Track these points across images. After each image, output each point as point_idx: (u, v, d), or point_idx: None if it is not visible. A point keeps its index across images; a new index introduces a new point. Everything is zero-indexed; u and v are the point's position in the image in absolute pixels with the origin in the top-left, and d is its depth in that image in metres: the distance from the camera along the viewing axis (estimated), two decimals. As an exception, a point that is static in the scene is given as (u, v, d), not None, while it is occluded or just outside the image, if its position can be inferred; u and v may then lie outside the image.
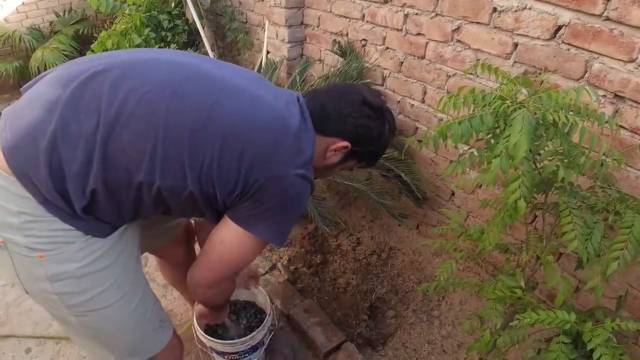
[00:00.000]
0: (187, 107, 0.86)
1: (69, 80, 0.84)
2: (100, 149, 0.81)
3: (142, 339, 1.08)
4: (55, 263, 0.86)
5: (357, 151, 1.06)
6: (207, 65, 0.95)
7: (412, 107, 2.01)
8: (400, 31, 1.92)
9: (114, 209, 0.87)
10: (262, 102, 0.93)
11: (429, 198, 2.04)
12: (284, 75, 2.64)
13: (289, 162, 0.91)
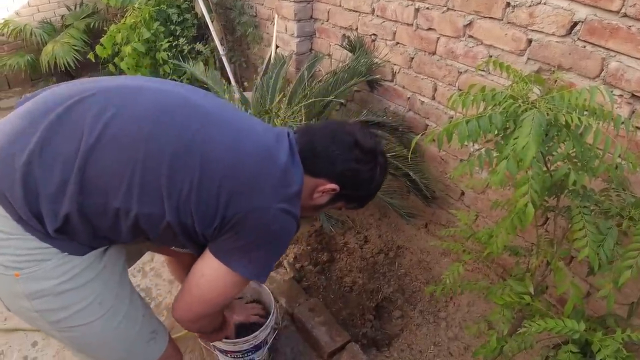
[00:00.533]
0: (169, 134, 0.84)
1: (56, 104, 0.83)
2: (78, 173, 0.79)
3: (132, 353, 1.04)
4: (32, 281, 0.84)
5: (347, 194, 1.04)
6: (196, 96, 0.94)
7: (422, 104, 1.97)
8: (410, 26, 1.88)
9: (89, 233, 0.85)
10: (250, 134, 0.91)
11: (438, 197, 2.00)
12: (293, 70, 2.61)
13: (272, 195, 0.88)
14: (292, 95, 2.15)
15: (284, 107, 2.10)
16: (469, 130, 0.92)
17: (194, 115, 0.88)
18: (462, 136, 0.92)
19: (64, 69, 3.60)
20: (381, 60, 2.10)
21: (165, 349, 1.09)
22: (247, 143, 0.89)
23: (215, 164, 0.85)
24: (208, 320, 1.06)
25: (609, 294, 0.92)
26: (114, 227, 0.85)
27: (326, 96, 1.99)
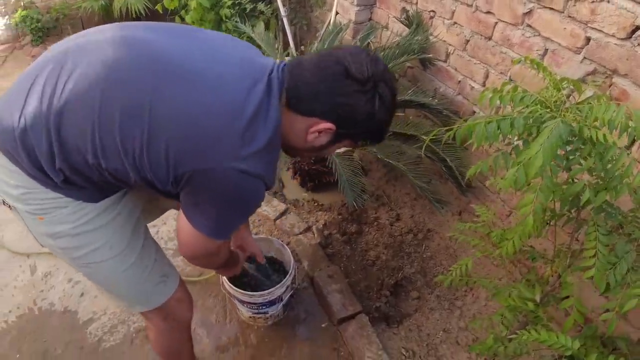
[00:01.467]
0: (120, 93, 0.82)
1: (39, 65, 0.88)
2: (55, 134, 0.84)
3: (142, 292, 1.13)
4: (53, 224, 0.95)
5: (348, 133, 0.93)
6: (171, 41, 0.89)
7: (472, 90, 1.89)
8: (470, 7, 1.78)
9: (89, 183, 0.92)
10: (215, 88, 0.84)
11: (474, 187, 1.95)
12: (349, 38, 2.57)
13: (224, 154, 0.82)
14: (342, 66, 2.14)
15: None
16: (488, 132, 0.89)
17: (152, 70, 0.83)
18: (479, 137, 0.90)
19: (134, 16, 3.75)
20: (436, 39, 2.02)
21: (175, 291, 1.17)
22: (206, 99, 0.83)
23: (165, 122, 0.81)
24: (204, 261, 1.10)
25: (612, 318, 0.89)
26: (102, 179, 0.90)
27: (374, 71, 1.96)
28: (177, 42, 0.89)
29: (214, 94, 0.83)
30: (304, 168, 2.30)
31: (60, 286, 1.99)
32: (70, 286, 1.98)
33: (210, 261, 1.10)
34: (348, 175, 1.85)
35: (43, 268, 2.08)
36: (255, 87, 0.85)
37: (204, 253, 0.99)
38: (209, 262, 1.12)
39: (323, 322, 1.76)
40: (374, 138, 0.99)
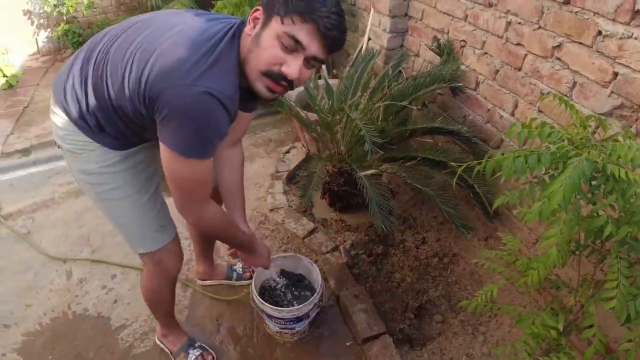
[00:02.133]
0: (122, 42, 1.10)
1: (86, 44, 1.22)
2: (85, 84, 1.16)
3: (142, 234, 1.38)
4: (84, 162, 1.24)
5: (268, 4, 1.00)
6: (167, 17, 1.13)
7: (501, 118, 1.95)
8: (500, 38, 1.85)
9: (114, 130, 1.19)
10: (187, 29, 1.04)
11: (501, 214, 1.99)
12: (381, 64, 2.68)
13: (183, 76, 0.97)
14: (374, 92, 2.23)
15: (364, 102, 2.19)
16: (516, 166, 0.96)
17: (148, 26, 1.09)
18: (507, 171, 0.96)
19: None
20: (467, 67, 2.10)
21: (168, 242, 1.42)
22: (178, 37, 1.03)
23: (143, 56, 1.03)
24: (197, 212, 1.21)
25: (631, 349, 0.93)
26: (121, 123, 1.17)
27: (405, 98, 2.05)
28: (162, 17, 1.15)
29: (181, 35, 1.03)
30: (333, 189, 2.38)
31: (94, 292, 2.10)
32: (104, 292, 2.10)
33: (201, 192, 1.18)
34: (377, 198, 1.91)
35: (78, 274, 2.20)
36: (220, 29, 1.05)
37: (195, 178, 1.12)
38: (200, 195, 1.18)
39: (347, 341, 1.81)
40: (288, 2, 0.99)
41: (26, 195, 2.84)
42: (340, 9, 1.01)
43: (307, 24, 0.98)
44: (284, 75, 1.03)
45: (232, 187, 1.55)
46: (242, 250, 1.54)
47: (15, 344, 1.88)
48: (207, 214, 1.23)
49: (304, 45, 1.00)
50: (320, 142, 2.35)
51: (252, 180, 2.82)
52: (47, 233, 2.48)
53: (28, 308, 2.05)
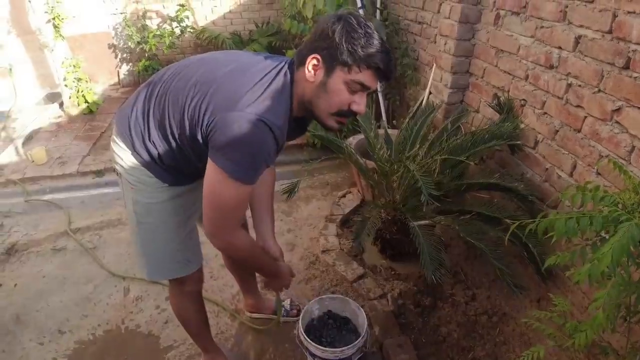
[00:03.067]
0: (181, 79, 1.28)
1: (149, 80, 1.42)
2: (147, 117, 1.33)
3: (168, 265, 1.56)
4: (137, 193, 1.42)
5: (330, 56, 1.13)
6: (224, 55, 1.33)
7: (559, 178, 2.00)
8: (560, 99, 1.94)
9: (168, 164, 1.35)
10: (242, 64, 1.23)
11: (555, 275, 1.99)
12: (440, 118, 2.81)
13: (239, 103, 1.12)
14: (432, 145, 2.35)
15: (421, 154, 2.31)
16: (567, 227, 1.02)
17: (203, 64, 1.29)
18: (559, 231, 1.02)
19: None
20: (526, 126, 2.18)
21: (190, 275, 1.60)
22: (230, 68, 1.22)
23: (203, 85, 1.20)
24: (226, 238, 1.29)
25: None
26: (178, 155, 1.33)
27: (463, 153, 2.14)
28: (218, 55, 1.35)
29: (233, 68, 1.22)
30: (385, 236, 2.47)
31: (148, 311, 2.29)
32: (157, 312, 2.27)
33: (235, 217, 1.26)
34: (429, 249, 1.97)
35: (135, 292, 2.41)
36: (270, 65, 1.23)
37: (234, 201, 1.21)
38: (233, 220, 1.26)
39: (388, 389, 1.85)
40: (350, 52, 1.12)
41: (95, 213, 3.16)
42: (389, 50, 1.16)
43: (369, 70, 1.14)
44: (353, 112, 1.20)
45: (262, 199, 1.67)
46: (265, 276, 1.65)
47: (67, 350, 2.08)
48: (235, 240, 1.31)
49: (368, 86, 1.17)
50: (376, 189, 2.47)
51: (306, 220, 2.98)
52: (110, 250, 2.75)
53: (84, 318, 2.26)
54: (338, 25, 1.12)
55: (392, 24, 3.65)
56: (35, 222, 3.10)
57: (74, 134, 4.49)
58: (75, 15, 4.82)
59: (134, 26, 5.13)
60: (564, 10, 1.87)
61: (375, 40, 1.12)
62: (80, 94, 4.90)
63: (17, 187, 3.61)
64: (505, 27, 2.30)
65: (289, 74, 1.22)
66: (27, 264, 2.68)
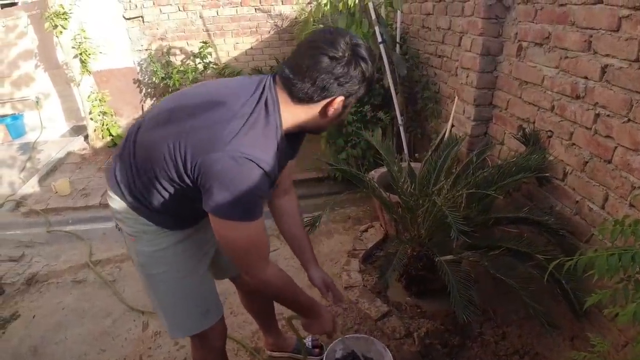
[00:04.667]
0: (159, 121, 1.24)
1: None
2: (133, 165, 1.29)
3: (187, 318, 1.51)
4: (139, 244, 1.39)
5: (349, 94, 1.18)
6: (196, 88, 1.31)
7: (590, 211, 1.96)
8: (589, 130, 1.93)
9: (164, 208, 1.30)
10: (216, 106, 1.17)
11: (590, 312, 1.93)
12: (464, 150, 2.81)
13: (219, 143, 1.09)
14: (457, 179, 2.35)
15: (447, 188, 2.31)
16: (609, 264, 1.00)
17: (174, 102, 1.27)
18: (600, 269, 1.01)
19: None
20: (554, 158, 2.17)
21: (212, 327, 1.53)
22: (209, 113, 1.16)
23: (181, 132, 1.16)
24: (258, 276, 1.28)
25: None
26: (170, 197, 1.27)
27: (490, 186, 2.13)
28: (190, 90, 1.33)
29: (210, 110, 1.17)
30: (410, 272, 2.44)
31: (166, 347, 2.28)
32: (176, 349, 2.26)
33: (258, 254, 1.25)
34: (459, 286, 1.92)
35: (154, 327, 2.41)
36: (248, 102, 1.17)
37: (246, 241, 1.19)
38: (258, 257, 1.26)
39: None
40: (368, 88, 1.23)
41: (116, 246, 3.21)
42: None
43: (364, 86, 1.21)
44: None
45: (295, 232, 1.65)
46: (303, 315, 1.53)
47: (84, 385, 2.07)
48: (266, 276, 1.30)
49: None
50: (400, 224, 2.46)
51: (328, 255, 2.97)
52: (130, 284, 2.77)
53: (102, 352, 2.27)
54: (361, 66, 1.15)
55: (411, 58, 3.72)
56: (56, 253, 3.17)
57: (98, 166, 4.64)
58: (102, 52, 5.06)
59: (158, 62, 5.34)
60: (588, 40, 1.89)
61: (371, 65, 1.19)
62: (105, 127, 5.08)
63: (39, 217, 3.71)
64: (529, 58, 2.33)
65: (271, 96, 1.19)
66: (46, 295, 2.72)
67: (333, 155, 3.68)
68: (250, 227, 1.17)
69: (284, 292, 1.40)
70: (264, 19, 5.53)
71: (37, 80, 5.64)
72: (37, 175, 4.35)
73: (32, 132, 5.73)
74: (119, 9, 5.27)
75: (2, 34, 5.34)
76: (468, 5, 2.74)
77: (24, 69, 5.56)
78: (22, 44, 5.44)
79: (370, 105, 3.55)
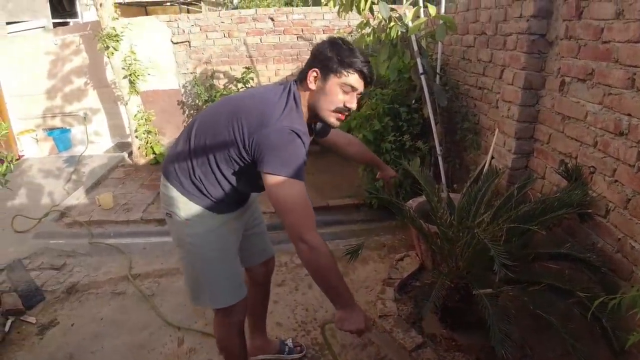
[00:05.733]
0: (215, 115, 1.64)
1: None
2: (191, 152, 1.63)
3: (227, 289, 1.79)
4: (192, 227, 1.68)
5: (324, 67, 1.54)
6: (239, 96, 1.74)
7: (632, 249, 1.96)
8: (632, 167, 1.95)
9: (216, 193, 1.64)
10: (258, 94, 1.62)
11: (628, 352, 1.91)
12: (504, 183, 2.84)
13: (269, 121, 1.46)
14: (498, 211, 2.37)
15: (487, 221, 2.34)
16: None
17: (230, 101, 1.66)
18: None
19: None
20: (596, 194, 2.19)
21: (239, 302, 1.82)
22: (249, 100, 1.61)
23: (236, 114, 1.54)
24: (302, 212, 1.45)
25: None
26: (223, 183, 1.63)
27: (530, 221, 2.14)
28: (238, 94, 1.86)
29: (254, 98, 1.61)
30: (446, 304, 2.46)
31: (200, 363, 2.35)
32: (210, 365, 2.34)
33: (309, 215, 1.46)
34: (498, 320, 1.92)
35: (190, 343, 2.49)
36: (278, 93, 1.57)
37: (297, 199, 1.44)
38: (309, 219, 1.46)
39: None
40: (342, 61, 1.53)
41: (156, 260, 3.35)
42: (369, 60, 1.58)
43: (355, 74, 1.54)
44: (348, 108, 1.57)
45: (360, 148, 2.20)
46: (340, 305, 1.50)
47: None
48: (317, 242, 1.44)
49: (356, 87, 1.56)
50: (439, 255, 2.49)
51: (363, 283, 3.01)
52: (168, 298, 2.88)
53: (137, 365, 2.35)
54: (328, 45, 1.55)
55: (451, 89, 3.80)
56: (97, 265, 3.33)
57: (140, 182, 4.86)
58: (150, 73, 5.36)
59: (202, 85, 5.61)
60: (632, 78, 1.93)
61: (357, 53, 1.54)
62: (148, 145, 5.34)
63: (82, 228, 3.91)
64: (571, 93, 2.37)
65: (296, 91, 1.58)
66: (85, 305, 2.86)
67: (370, 183, 3.76)
68: (300, 185, 1.45)
69: (332, 266, 1.46)
70: (305, 47, 5.74)
71: (87, 97, 6.00)
72: (81, 188, 4.59)
73: (79, 146, 6.07)
74: (167, 34, 5.59)
75: (58, 48, 5.74)
76: (510, 40, 2.82)
77: (75, 84, 5.94)
78: (75, 60, 5.83)
79: (409, 134, 3.63)
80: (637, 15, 1.86)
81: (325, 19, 5.72)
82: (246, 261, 2.04)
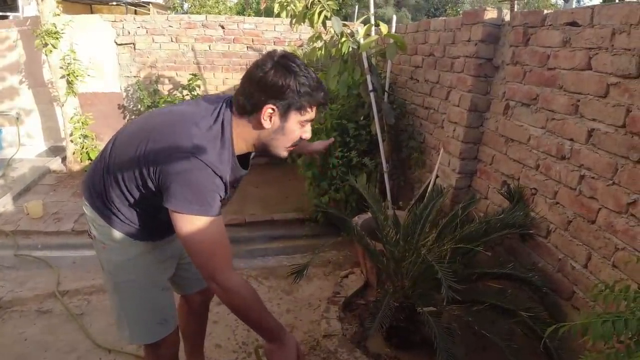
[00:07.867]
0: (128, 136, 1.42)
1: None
2: (105, 174, 1.42)
3: (146, 325, 1.59)
4: (110, 253, 1.49)
5: (286, 105, 1.28)
6: (160, 112, 1.51)
7: (573, 270, 1.98)
8: (573, 190, 1.98)
9: (134, 217, 1.44)
10: (180, 121, 1.32)
11: (572, 373, 1.91)
12: (449, 202, 2.83)
13: (179, 151, 1.23)
14: (442, 231, 2.34)
15: (431, 240, 2.30)
16: (603, 330, 1.01)
17: (139, 122, 1.46)
18: (595, 335, 1.01)
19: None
20: (538, 216, 2.21)
21: (167, 335, 1.63)
22: (160, 122, 1.36)
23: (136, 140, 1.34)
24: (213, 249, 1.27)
25: None
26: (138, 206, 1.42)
27: (474, 241, 2.13)
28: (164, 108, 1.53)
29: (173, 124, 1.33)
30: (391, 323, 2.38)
31: (130, 390, 2.13)
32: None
33: (221, 255, 1.27)
34: (444, 340, 1.88)
35: (121, 367, 2.26)
36: (205, 117, 1.32)
37: (209, 240, 1.26)
38: (221, 259, 1.27)
39: None
40: (305, 96, 1.30)
41: (87, 276, 3.06)
42: (322, 82, 1.37)
43: (314, 107, 1.34)
44: (303, 139, 1.40)
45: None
46: (268, 339, 1.40)
47: None
48: (231, 284, 1.28)
49: (313, 118, 1.38)
50: (384, 272, 2.42)
51: (307, 301, 2.88)
52: (98, 318, 2.62)
53: (63, 390, 2.10)
54: (282, 71, 1.26)
55: (399, 107, 3.80)
56: (22, 279, 3.00)
57: (73, 190, 4.49)
58: (90, 74, 5.02)
59: (146, 90, 5.32)
60: (575, 104, 1.96)
61: (316, 80, 1.32)
62: (84, 151, 4.98)
63: (8, 239, 3.53)
64: (515, 117, 2.40)
65: (227, 119, 1.34)
66: (8, 324, 2.55)
67: (316, 198, 3.66)
68: (211, 223, 1.25)
69: (251, 305, 1.34)
70: (255, 57, 5.57)
71: (21, 96, 5.52)
72: (9, 194, 4.17)
73: (9, 149, 5.56)
74: (111, 34, 5.28)
75: (-9, 43, 5.26)
76: (458, 62, 2.84)
77: (8, 82, 5.46)
78: (10, 57, 5.37)
79: (357, 150, 3.58)
80: (584, 44, 1.90)
81: (276, 30, 5.64)
82: (182, 289, 1.87)
